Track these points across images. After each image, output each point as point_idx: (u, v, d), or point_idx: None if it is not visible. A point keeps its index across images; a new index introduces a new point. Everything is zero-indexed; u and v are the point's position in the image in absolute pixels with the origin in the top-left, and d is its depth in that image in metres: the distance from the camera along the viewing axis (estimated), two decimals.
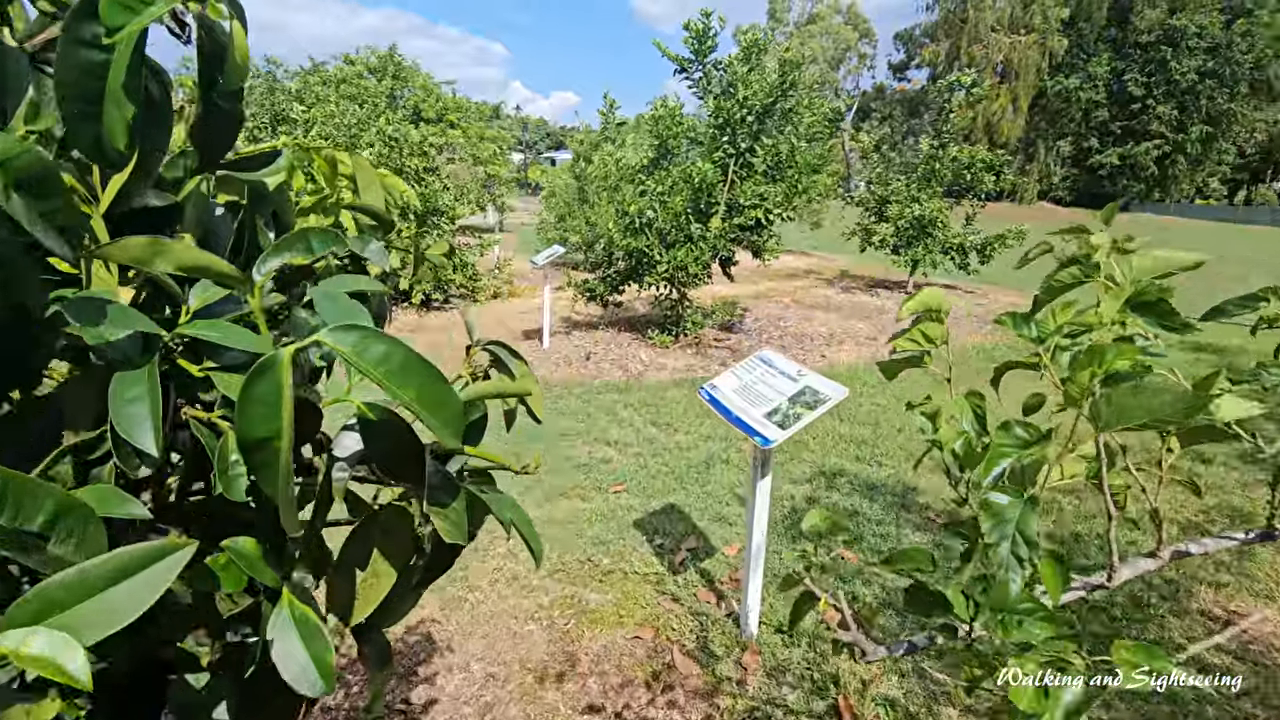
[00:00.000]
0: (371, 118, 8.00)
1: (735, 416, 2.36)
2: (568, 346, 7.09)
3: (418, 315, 8.43)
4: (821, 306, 9.39)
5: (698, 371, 6.30)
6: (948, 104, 9.67)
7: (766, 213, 6.57)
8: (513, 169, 36.02)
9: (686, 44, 6.54)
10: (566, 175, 13.48)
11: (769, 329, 7.95)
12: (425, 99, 18.86)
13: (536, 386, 0.85)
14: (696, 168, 6.20)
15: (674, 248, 6.60)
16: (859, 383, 5.98)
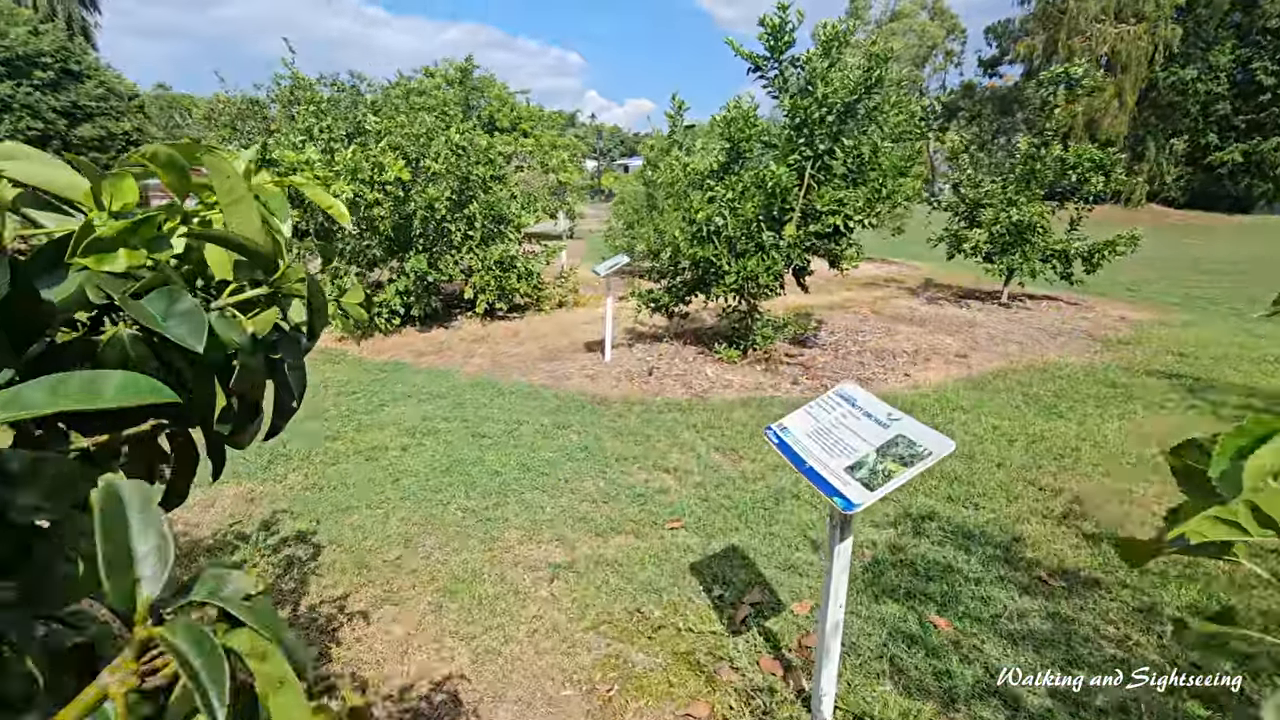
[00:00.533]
0: (440, 127, 7.97)
1: (809, 468, 1.96)
2: (630, 360, 6.78)
3: (481, 324, 8.35)
4: (905, 319, 8.71)
5: (766, 390, 5.86)
6: (1052, 98, 8.79)
7: (846, 219, 6.06)
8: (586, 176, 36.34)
9: (762, 40, 6.12)
10: (636, 182, 13.25)
11: (846, 343, 7.38)
12: (499, 109, 19.15)
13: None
14: (770, 172, 5.78)
15: (744, 257, 6.19)
16: (948, 407, 5.39)
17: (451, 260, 8.00)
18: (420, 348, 7.31)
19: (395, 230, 7.56)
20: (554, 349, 7.33)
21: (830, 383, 6.02)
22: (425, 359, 6.86)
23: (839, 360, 6.72)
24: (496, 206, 8.06)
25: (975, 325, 8.44)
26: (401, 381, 6.03)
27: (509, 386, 5.93)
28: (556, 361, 6.81)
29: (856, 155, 6.18)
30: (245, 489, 3.87)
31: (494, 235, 8.39)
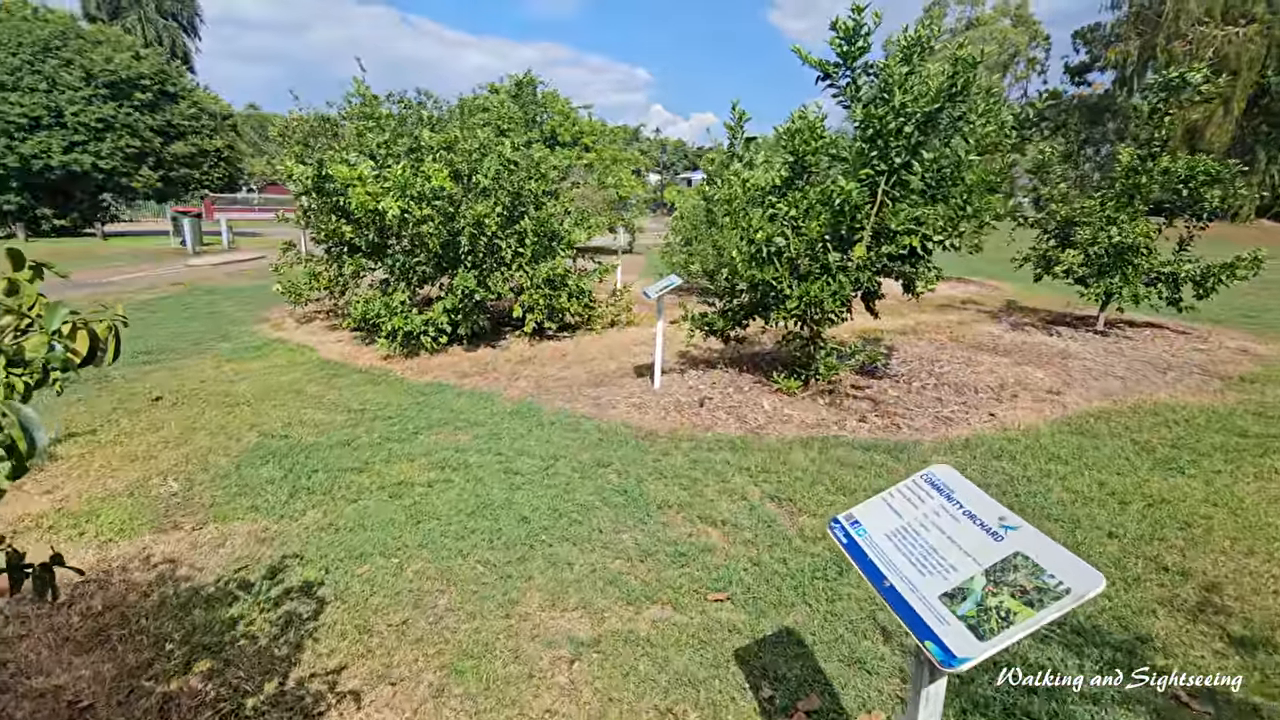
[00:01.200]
0: (493, 142, 7.79)
1: (890, 588, 1.47)
2: (681, 388, 6.34)
3: (529, 344, 8.08)
4: (987, 347, 7.93)
5: (830, 427, 5.29)
6: (1163, 104, 7.86)
7: (925, 240, 5.46)
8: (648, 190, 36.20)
9: (833, 46, 5.62)
10: (696, 197, 12.85)
11: (920, 374, 6.71)
12: (561, 123, 19.16)
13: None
14: (838, 187, 5.25)
15: (807, 280, 5.66)
16: (1043, 456, 4.70)
17: (501, 278, 7.77)
18: (465, 368, 7.07)
19: (444, 247, 7.39)
20: (602, 373, 6.96)
21: (904, 421, 5.41)
22: (468, 381, 6.61)
23: (913, 395, 6.07)
24: (548, 223, 7.79)
25: (1069, 356, 7.58)
26: (440, 406, 5.77)
27: (550, 415, 5.58)
28: (603, 387, 6.43)
29: (937, 169, 5.58)
30: (260, 526, 3.63)
31: (545, 252, 8.12)
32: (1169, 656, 2.68)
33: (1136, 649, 2.72)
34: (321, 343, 8.03)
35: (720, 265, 11.49)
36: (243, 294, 11.86)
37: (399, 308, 7.23)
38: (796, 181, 5.81)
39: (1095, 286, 8.64)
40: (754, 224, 5.56)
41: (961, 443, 4.98)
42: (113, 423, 5.15)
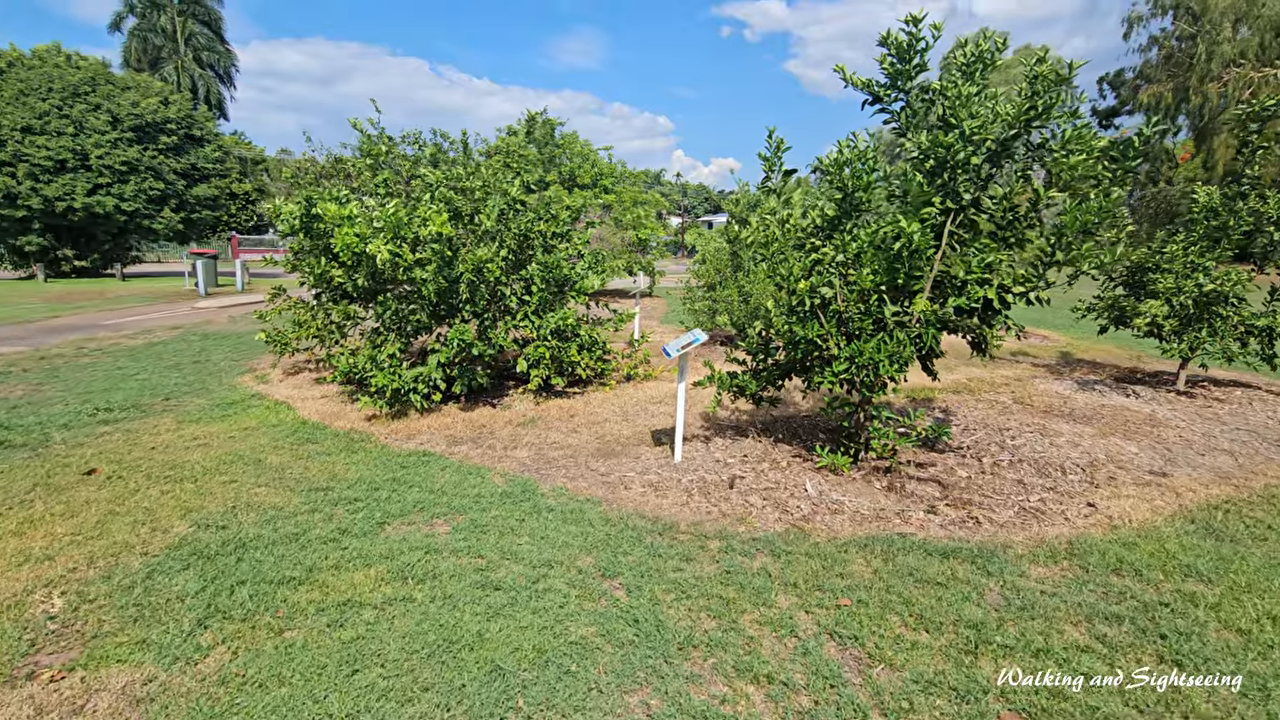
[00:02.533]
0: (498, 180, 7.08)
1: None
2: (706, 461, 5.37)
3: (534, 403, 7.18)
4: (1059, 412, 6.86)
5: (892, 520, 4.28)
6: (1254, 138, 6.93)
7: (1002, 291, 4.51)
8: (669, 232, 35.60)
9: (883, 65, 4.81)
10: (719, 239, 12.07)
11: (990, 447, 5.67)
12: (580, 165, 18.71)
13: None
14: (898, 228, 4.36)
15: (858, 339, 4.73)
16: (1177, 570, 3.64)
17: (504, 329, 6.95)
18: (457, 432, 6.18)
19: (440, 294, 6.60)
20: (614, 440, 6.02)
21: (982, 513, 4.37)
22: (459, 449, 5.70)
23: (987, 476, 5.03)
24: (558, 268, 6.98)
25: (1158, 424, 6.48)
26: (420, 484, 4.86)
27: (549, 498, 4.64)
28: (615, 459, 5.48)
29: (1009, 208, 4.68)
30: (143, 675, 2.70)
31: (554, 300, 7.30)
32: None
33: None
34: (303, 399, 7.21)
35: (751, 316, 10.59)
36: (238, 340, 11.20)
37: (386, 362, 6.41)
38: (844, 222, 4.93)
39: (1177, 342, 7.58)
40: (795, 272, 4.66)
41: (1064, 547, 3.93)
42: (24, 505, 4.31)
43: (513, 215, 7.11)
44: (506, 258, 7.19)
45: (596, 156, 19.41)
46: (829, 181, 4.90)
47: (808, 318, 4.87)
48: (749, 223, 5.22)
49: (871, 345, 4.57)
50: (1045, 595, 3.39)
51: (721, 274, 10.92)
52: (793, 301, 4.70)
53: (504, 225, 7.07)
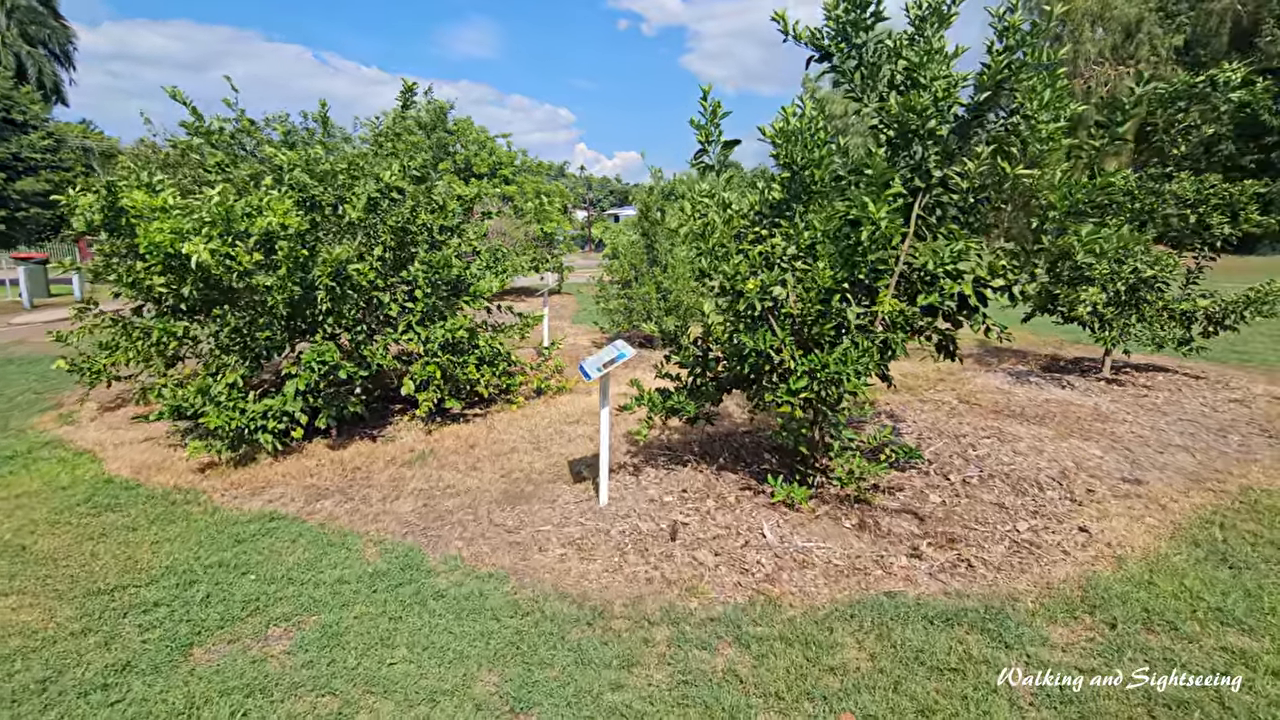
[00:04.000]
0: (368, 163, 5.78)
1: None
2: (638, 501, 4.40)
3: (425, 432, 5.95)
4: (1008, 411, 6.39)
5: (871, 571, 3.47)
6: (1184, 115, 6.73)
7: (980, 285, 3.80)
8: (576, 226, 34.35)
9: (830, 17, 3.98)
10: (631, 231, 11.14)
11: (954, 460, 5.03)
12: (476, 153, 17.22)
13: None
14: (860, 213, 3.54)
15: (818, 347, 3.90)
16: (1205, 612, 3.04)
17: (382, 344, 5.67)
18: (323, 480, 4.89)
19: (294, 305, 5.25)
20: (524, 476, 4.94)
21: (973, 552, 3.65)
22: (321, 506, 4.44)
23: (963, 500, 4.34)
24: (445, 268, 5.77)
25: (1106, 419, 6.13)
26: (259, 567, 3.60)
27: (439, 576, 3.52)
28: (525, 505, 4.41)
29: (978, 188, 3.98)
30: None
31: (444, 307, 6.09)
32: None
33: None
34: (117, 445, 5.63)
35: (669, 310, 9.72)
36: (51, 366, 9.12)
37: (224, 394, 5.00)
38: (793, 206, 4.08)
39: (1112, 327, 7.35)
40: (741, 269, 3.75)
41: (1077, 594, 3.25)
42: None
43: (389, 206, 5.83)
44: (383, 257, 5.91)
45: (494, 144, 17.97)
46: (774, 157, 4.02)
47: (756, 324, 3.99)
48: (666, 211, 4.27)
49: (835, 355, 3.74)
50: (1082, 675, 2.66)
51: (637, 269, 9.98)
52: (739, 305, 3.80)
53: (377, 218, 5.78)
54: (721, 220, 3.82)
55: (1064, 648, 2.85)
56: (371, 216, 5.75)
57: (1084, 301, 6.97)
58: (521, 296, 17.78)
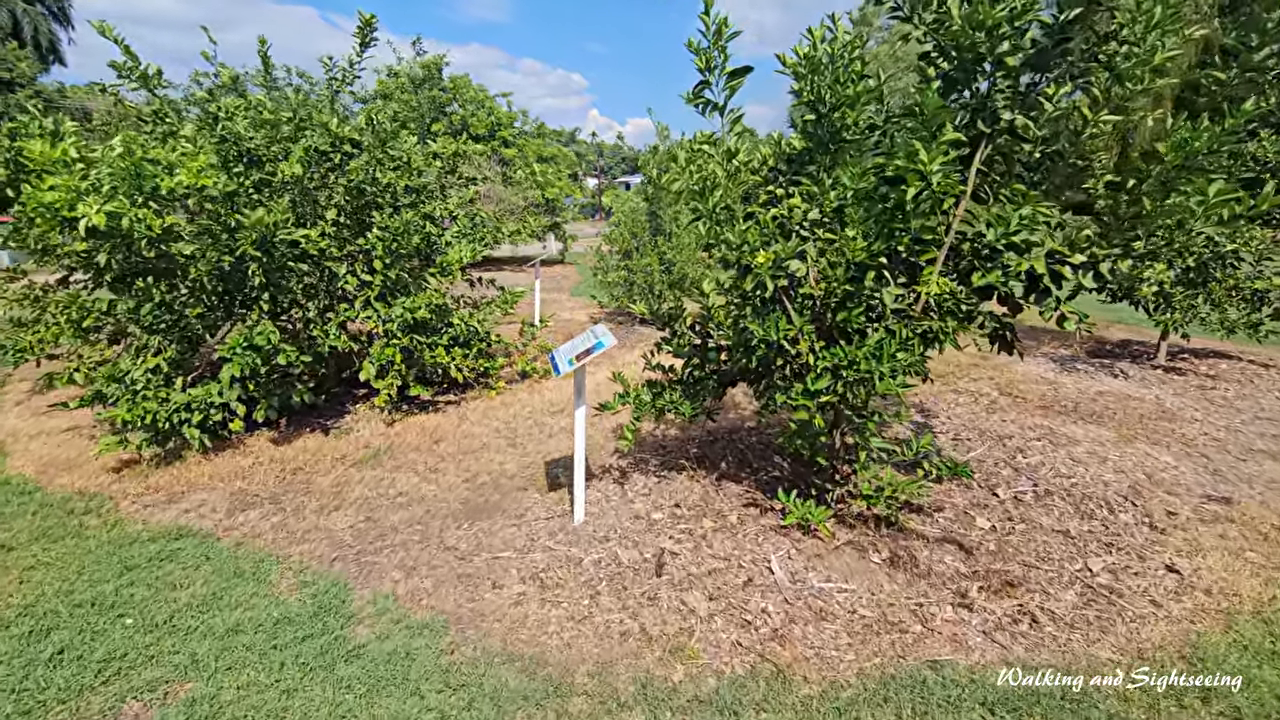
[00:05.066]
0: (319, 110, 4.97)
1: None
2: (621, 518, 3.65)
3: (385, 422, 5.22)
4: (1058, 406, 5.56)
5: (913, 630, 2.72)
6: None
7: (1055, 260, 2.96)
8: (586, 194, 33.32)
9: None
10: (636, 198, 10.24)
11: (1002, 469, 4.23)
12: (474, 113, 16.24)
13: None
14: (908, 164, 2.70)
15: (844, 338, 3.09)
16: None
17: (336, 323, 4.92)
18: (255, 484, 4.18)
19: (224, 278, 4.48)
20: (490, 481, 4.20)
21: (1035, 600, 2.88)
22: (245, 518, 3.73)
23: (1017, 524, 3.55)
24: (405, 235, 4.97)
25: (1171, 416, 5.29)
26: (141, 606, 2.90)
27: (362, 623, 2.80)
28: (485, 521, 3.68)
29: (1047, 138, 3.10)
30: None
31: (408, 281, 5.31)
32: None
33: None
34: (34, 436, 4.95)
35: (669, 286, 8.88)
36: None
37: (144, 380, 4.27)
38: (816, 158, 3.23)
39: (1168, 312, 6.46)
40: (750, 238, 2.92)
41: (1181, 669, 2.47)
42: None
43: (340, 162, 5.01)
44: (338, 222, 5.13)
45: (493, 103, 16.94)
46: (795, 93, 3.16)
47: (767, 307, 3.18)
48: (687, 167, 3.43)
49: (868, 348, 2.93)
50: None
51: (639, 239, 9.12)
52: (746, 284, 2.97)
53: (324, 176, 4.97)
54: (725, 174, 2.98)
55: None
56: (319, 174, 4.94)
57: (1148, 280, 6.06)
58: (521, 266, 16.96)
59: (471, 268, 5.78)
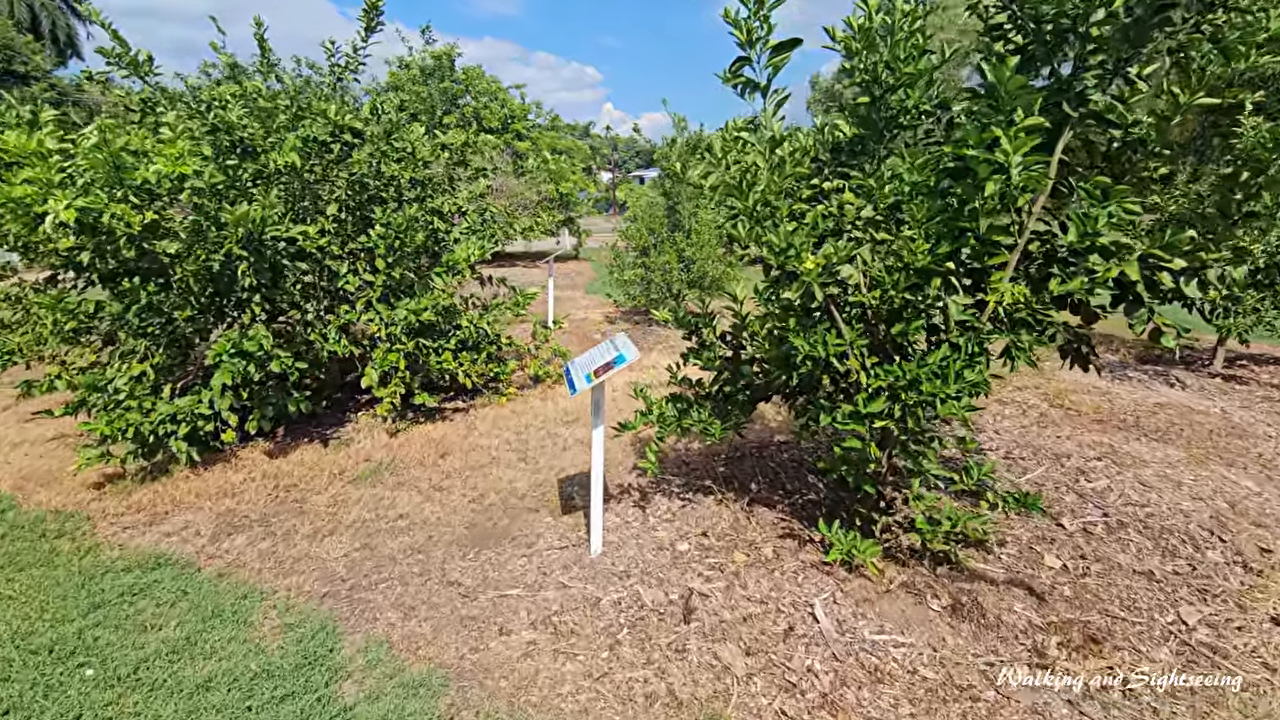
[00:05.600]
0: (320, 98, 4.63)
1: None
2: (643, 550, 3.29)
3: (388, 433, 4.89)
4: (1117, 420, 5.11)
5: (984, 698, 2.33)
6: None
7: (1151, 266, 2.54)
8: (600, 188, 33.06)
9: None
10: (653, 192, 9.85)
11: (1066, 495, 3.81)
12: (486, 104, 15.88)
13: None
14: (977, 154, 2.29)
15: (901, 354, 2.70)
16: None
17: (335, 326, 4.59)
18: (245, 502, 3.86)
19: (214, 279, 4.16)
20: (499, 502, 3.85)
21: (1126, 660, 2.48)
22: (231, 544, 3.41)
23: (1093, 564, 3.14)
24: (410, 231, 4.63)
25: (1242, 433, 4.83)
26: (106, 653, 2.58)
27: (345, 682, 2.46)
28: (493, 550, 3.33)
29: (1158, 114, 2.67)
30: None
31: (415, 281, 4.97)
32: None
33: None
34: (16, 445, 4.66)
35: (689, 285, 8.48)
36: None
37: (126, 388, 3.97)
38: (871, 147, 2.83)
39: (1231, 316, 5.97)
40: (796, 240, 2.52)
41: None
42: None
43: (339, 153, 4.67)
44: (340, 218, 4.80)
45: (506, 95, 16.58)
46: (845, 72, 2.76)
47: (813, 318, 2.79)
48: (688, 164, 3.05)
49: (931, 366, 2.54)
50: None
51: (656, 234, 8.73)
52: (792, 292, 2.58)
53: (326, 169, 4.64)
54: (768, 166, 2.58)
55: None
56: (320, 166, 4.60)
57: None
58: (535, 262, 16.61)
59: (482, 265, 5.45)
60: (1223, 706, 2.29)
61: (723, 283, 8.70)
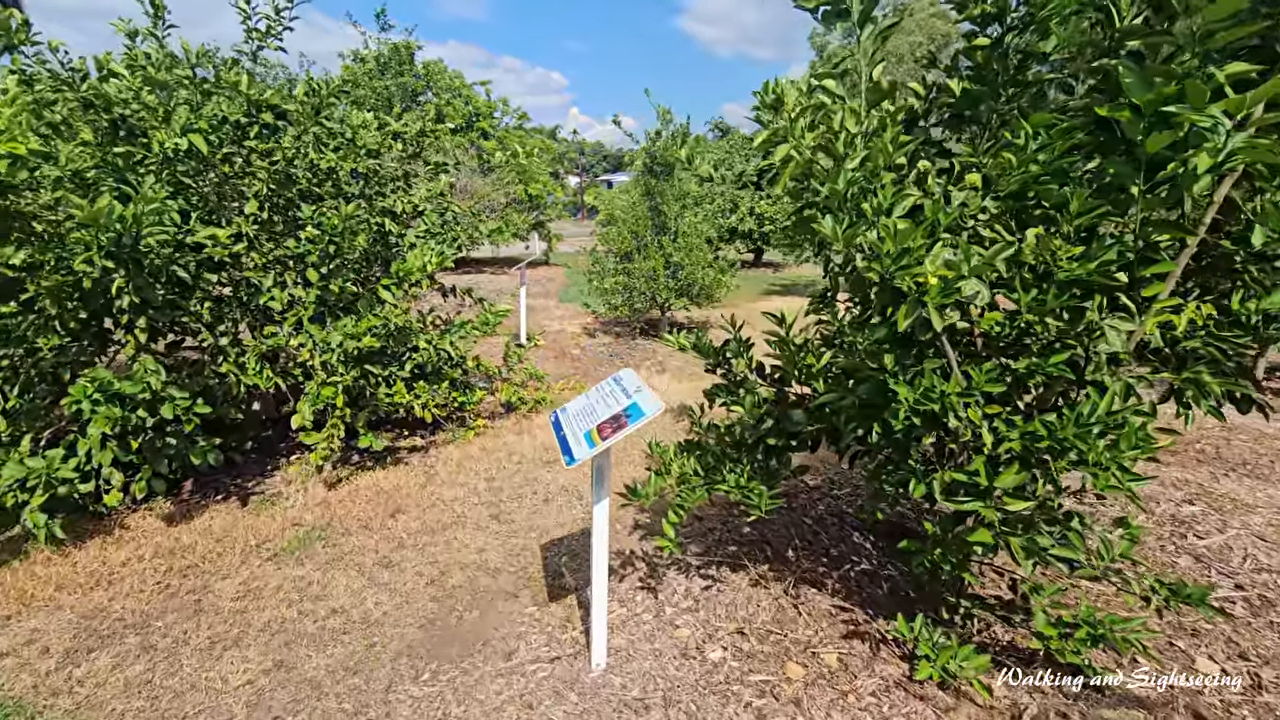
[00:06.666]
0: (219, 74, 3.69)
1: None
2: (661, 667, 2.42)
3: (327, 486, 3.93)
4: (1189, 450, 4.43)
5: None
6: None
7: None
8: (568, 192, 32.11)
9: None
10: (633, 193, 9.01)
11: (1181, 560, 3.08)
12: (449, 101, 14.84)
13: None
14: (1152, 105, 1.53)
15: (1042, 405, 1.91)
16: None
17: (255, 353, 3.63)
18: (122, 596, 2.89)
19: (85, 299, 3.18)
20: (465, 585, 2.96)
21: None
22: (89, 669, 2.45)
23: (1263, 671, 2.38)
24: (345, 237, 3.70)
25: None
26: None
27: None
28: (455, 665, 2.44)
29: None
30: None
31: (354, 295, 4.03)
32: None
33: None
34: None
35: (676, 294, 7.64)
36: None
37: None
38: (986, 106, 2.03)
39: None
40: (910, 242, 1.70)
41: None
42: None
43: (258, 135, 3.73)
44: (261, 218, 3.85)
45: (471, 92, 15.59)
46: (958, 6, 1.96)
47: (917, 354, 1.97)
48: (694, 159, 2.22)
49: (1098, 417, 1.75)
50: None
51: (640, 238, 7.89)
52: (900, 317, 1.76)
53: (247, 158, 3.69)
54: (861, 132, 1.75)
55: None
56: (241, 155, 3.66)
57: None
58: (503, 268, 15.64)
59: (444, 273, 4.59)
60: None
61: (713, 291, 7.91)
